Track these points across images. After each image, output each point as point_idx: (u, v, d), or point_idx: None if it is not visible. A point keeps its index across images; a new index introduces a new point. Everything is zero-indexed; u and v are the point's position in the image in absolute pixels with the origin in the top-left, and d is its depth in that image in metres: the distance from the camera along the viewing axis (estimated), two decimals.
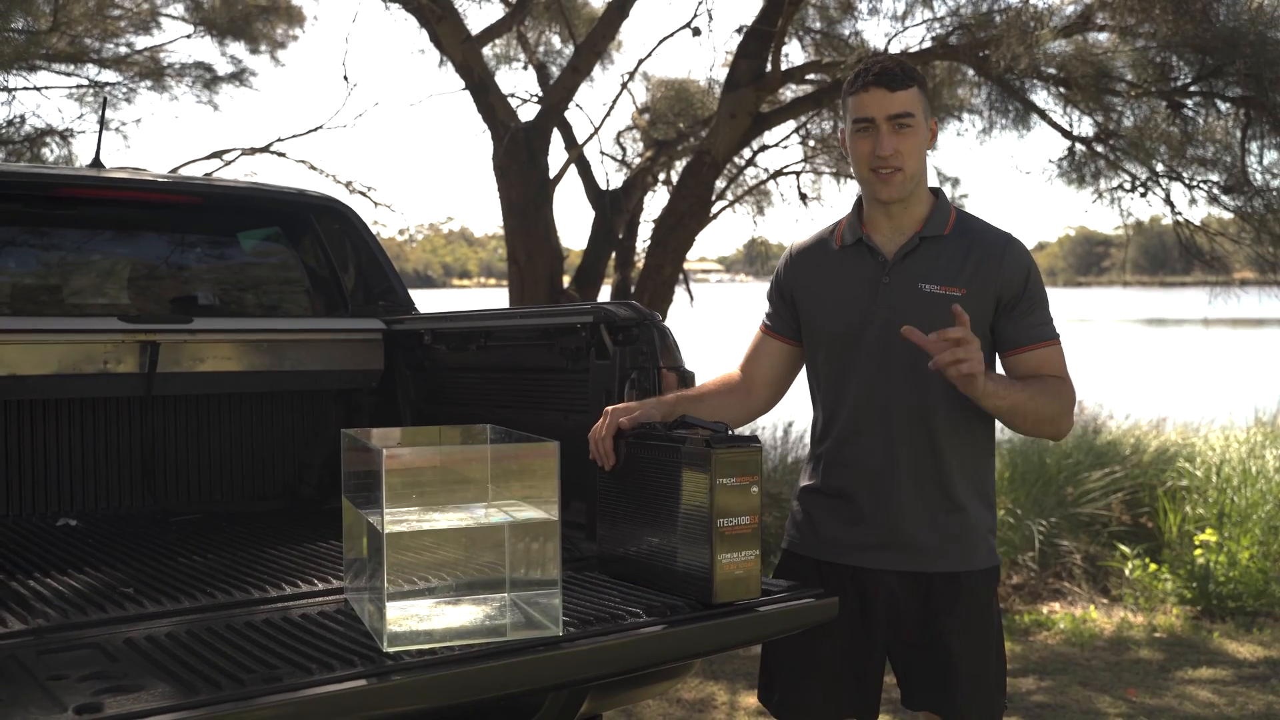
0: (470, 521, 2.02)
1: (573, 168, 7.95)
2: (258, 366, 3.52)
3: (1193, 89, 6.29)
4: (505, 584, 2.02)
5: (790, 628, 2.27)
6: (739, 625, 2.16)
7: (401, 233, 22.34)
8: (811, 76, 7.29)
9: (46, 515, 3.28)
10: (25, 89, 10.01)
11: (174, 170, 8.92)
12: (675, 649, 2.15)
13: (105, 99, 4.54)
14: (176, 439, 3.50)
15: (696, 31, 7.82)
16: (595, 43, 7.42)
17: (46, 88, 10.29)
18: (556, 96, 7.47)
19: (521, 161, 7.07)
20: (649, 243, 7.37)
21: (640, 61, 8.92)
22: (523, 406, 3.21)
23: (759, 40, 6.60)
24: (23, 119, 9.69)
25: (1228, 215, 7.09)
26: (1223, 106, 6.45)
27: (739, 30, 6.85)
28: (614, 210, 7.92)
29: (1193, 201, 7.01)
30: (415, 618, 1.97)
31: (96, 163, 3.77)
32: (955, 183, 9.03)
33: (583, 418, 2.95)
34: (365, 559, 2.07)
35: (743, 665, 4.97)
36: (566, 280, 7.63)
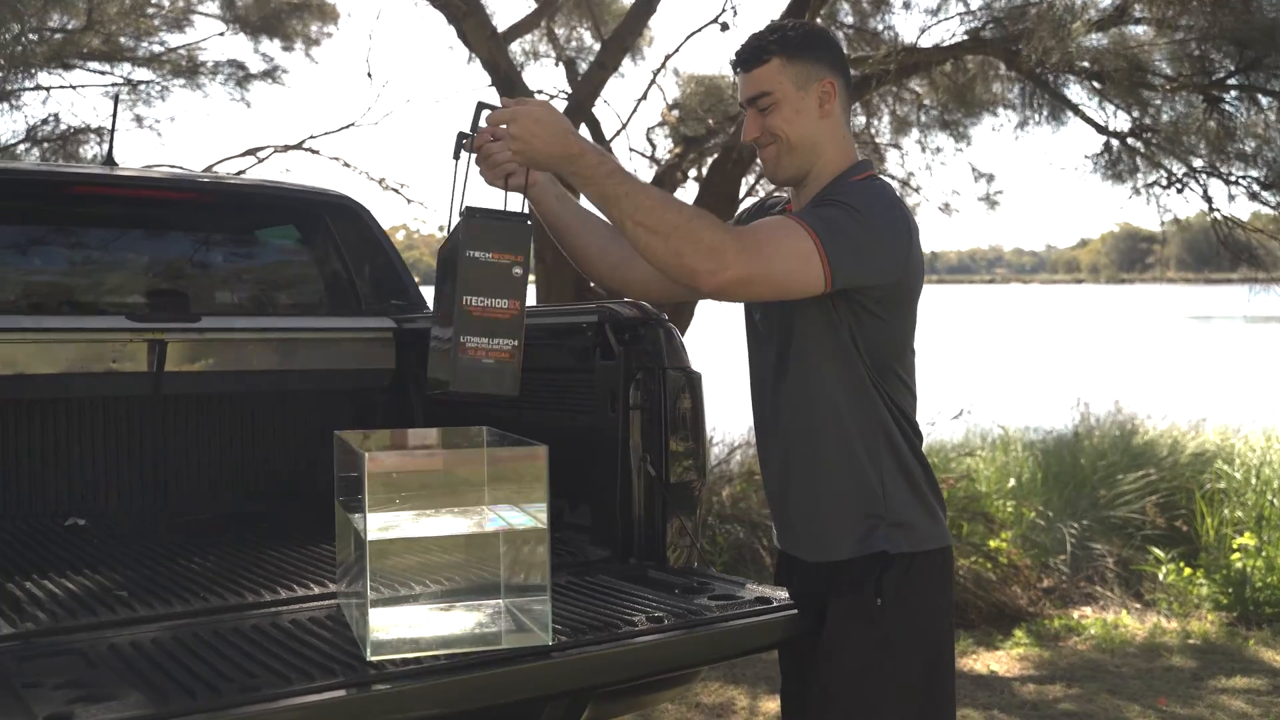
0: (457, 526, 1.97)
1: None
2: (267, 366, 3.49)
3: (1230, 82, 6.15)
4: (500, 589, 1.97)
5: (797, 633, 2.19)
6: (738, 633, 2.10)
7: (440, 229, 22.40)
8: None
9: (55, 515, 3.26)
10: (61, 87, 10.10)
11: (208, 168, 8.96)
12: (669, 659, 2.10)
13: (117, 97, 4.55)
14: (185, 438, 3.48)
15: (725, 26, 7.74)
16: (622, 38, 7.34)
17: (82, 86, 10.36)
18: (583, 93, 7.40)
19: None
20: None
21: (668, 57, 8.85)
22: (533, 406, 3.15)
23: None
24: (56, 117, 9.78)
25: (1269, 211, 6.93)
26: (1263, 101, 6.30)
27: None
28: None
29: (1232, 198, 6.86)
30: (404, 625, 1.92)
31: (109, 160, 3.76)
32: (990, 179, 8.84)
33: (590, 419, 2.90)
34: (352, 564, 2.03)
35: (764, 669, 4.90)
36: None
